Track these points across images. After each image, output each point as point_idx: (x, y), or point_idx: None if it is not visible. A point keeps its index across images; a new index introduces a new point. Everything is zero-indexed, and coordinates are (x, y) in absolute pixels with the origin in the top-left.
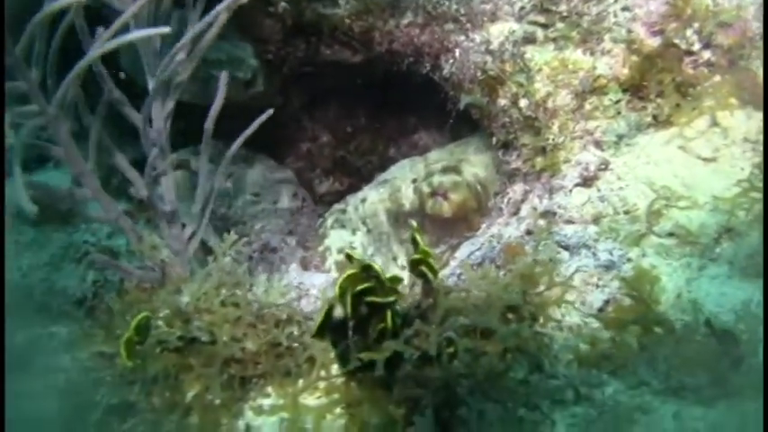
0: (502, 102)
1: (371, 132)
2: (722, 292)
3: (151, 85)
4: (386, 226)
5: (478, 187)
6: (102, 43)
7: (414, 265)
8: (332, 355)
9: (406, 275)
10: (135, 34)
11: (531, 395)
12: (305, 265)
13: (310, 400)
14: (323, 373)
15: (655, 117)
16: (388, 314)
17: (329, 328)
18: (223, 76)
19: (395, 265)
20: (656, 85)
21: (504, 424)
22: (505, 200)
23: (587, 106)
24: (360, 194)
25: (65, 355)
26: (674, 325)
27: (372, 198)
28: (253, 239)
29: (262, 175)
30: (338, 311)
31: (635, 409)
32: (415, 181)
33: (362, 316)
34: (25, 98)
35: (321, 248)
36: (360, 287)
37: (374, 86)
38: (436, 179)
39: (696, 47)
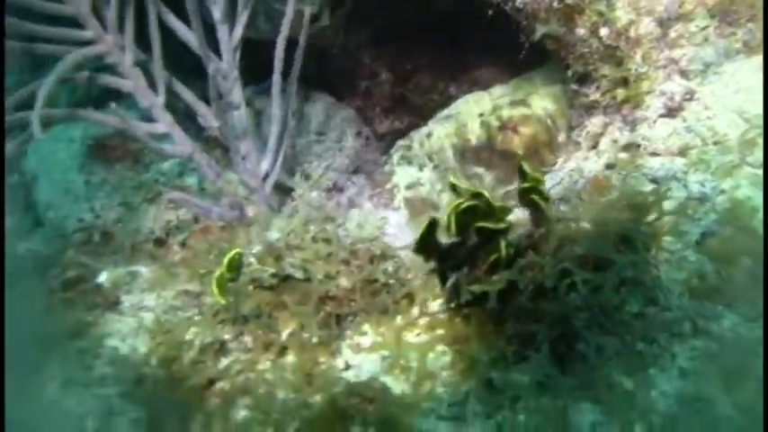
0: (580, 31)
1: (431, 70)
2: None
3: (216, 13)
4: (452, 161)
5: (548, 121)
6: None
7: (523, 194)
8: (437, 289)
9: None
10: None
11: (648, 328)
12: (374, 204)
13: (410, 336)
14: (425, 308)
15: (745, 43)
16: (502, 243)
17: (437, 257)
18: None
19: None
20: (747, 8)
21: (624, 358)
22: (583, 133)
23: (672, 34)
24: (424, 130)
25: (150, 294)
26: None
27: (438, 133)
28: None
29: (324, 114)
30: (445, 239)
31: (757, 341)
32: (481, 115)
33: (472, 246)
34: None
35: (389, 186)
36: (467, 204)
37: (437, 21)
38: (505, 112)
39: None
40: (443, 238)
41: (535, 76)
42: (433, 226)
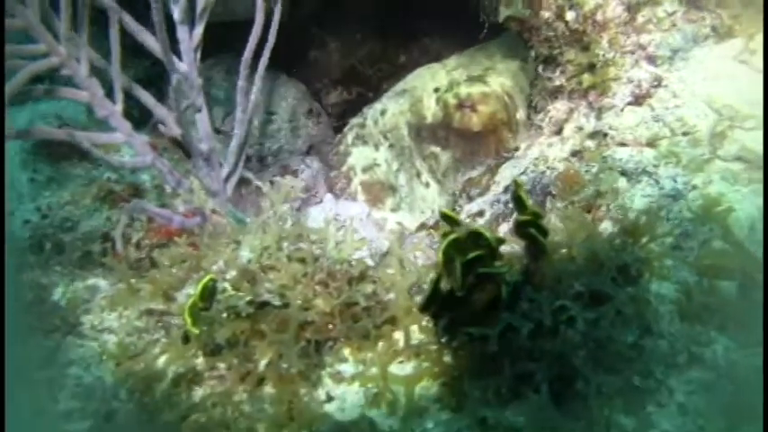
0: (546, 14)
1: (381, 38)
2: None
3: (175, 13)
4: (407, 140)
5: (507, 99)
6: None
7: (520, 227)
8: (424, 322)
9: (429, 192)
10: None
11: (644, 360)
12: (330, 187)
13: (394, 366)
14: (409, 335)
15: (713, 29)
16: (504, 286)
17: (438, 305)
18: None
19: (418, 182)
20: None
21: (622, 395)
22: (547, 118)
23: (640, 19)
24: (378, 106)
25: (110, 314)
26: None
27: (392, 109)
28: (271, 162)
29: (274, 91)
30: (443, 283)
31: (753, 370)
32: (437, 90)
33: (468, 285)
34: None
35: (345, 168)
36: (471, 255)
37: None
38: (463, 90)
39: None
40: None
41: (491, 47)
42: (437, 285)
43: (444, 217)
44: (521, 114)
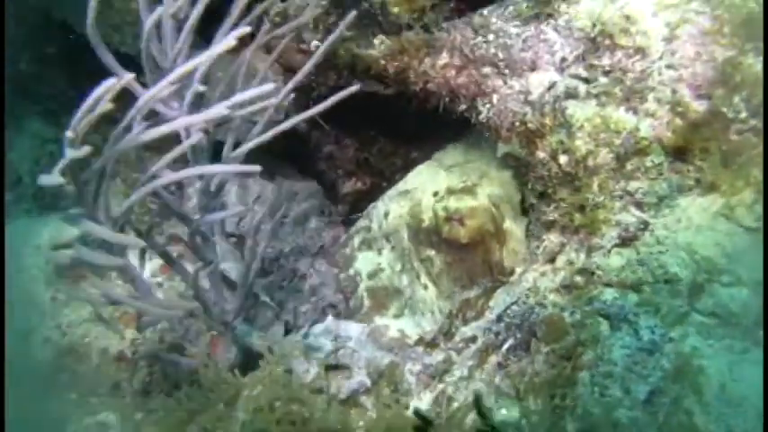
0: (540, 155)
1: (394, 137)
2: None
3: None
4: (406, 242)
5: (494, 210)
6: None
7: None
8: None
9: (428, 294)
10: None
11: None
12: (337, 290)
13: None
14: None
15: (698, 181)
16: None
17: None
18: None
19: (418, 284)
20: (701, 152)
21: None
22: (541, 247)
23: (628, 166)
24: (382, 207)
25: None
26: None
27: (394, 212)
28: (282, 264)
29: (288, 192)
30: None
31: None
32: (435, 194)
33: None
34: None
35: (351, 272)
36: None
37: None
38: (452, 204)
39: (743, 114)
40: None
41: (485, 147)
42: None
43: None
44: (508, 224)
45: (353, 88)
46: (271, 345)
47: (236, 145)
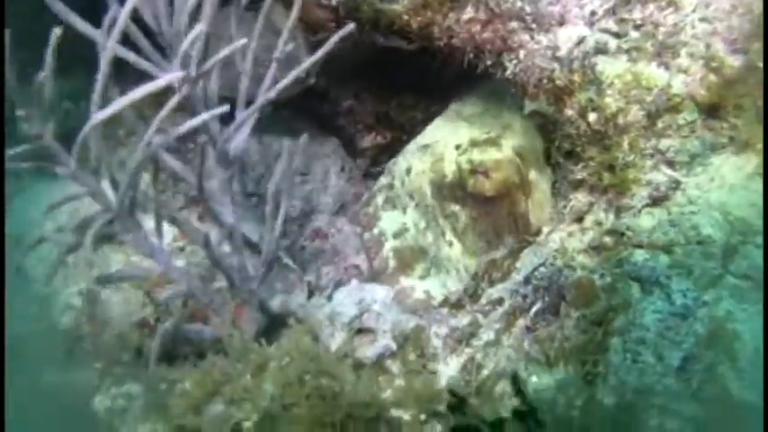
0: (569, 112)
1: (414, 90)
2: None
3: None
4: (430, 199)
5: (519, 161)
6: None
7: None
8: None
9: (453, 251)
10: None
11: None
12: (361, 250)
13: None
14: None
15: (731, 139)
16: None
17: None
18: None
19: (443, 241)
20: (735, 109)
21: None
22: (569, 206)
23: (660, 124)
24: (403, 163)
25: (144, 426)
26: None
27: (416, 168)
28: (303, 223)
29: (308, 149)
30: None
31: None
32: (458, 147)
33: None
34: None
35: (376, 231)
36: None
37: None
38: (476, 156)
39: None
40: None
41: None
42: None
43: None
44: (533, 175)
45: (350, 26)
46: (296, 311)
47: (249, 104)
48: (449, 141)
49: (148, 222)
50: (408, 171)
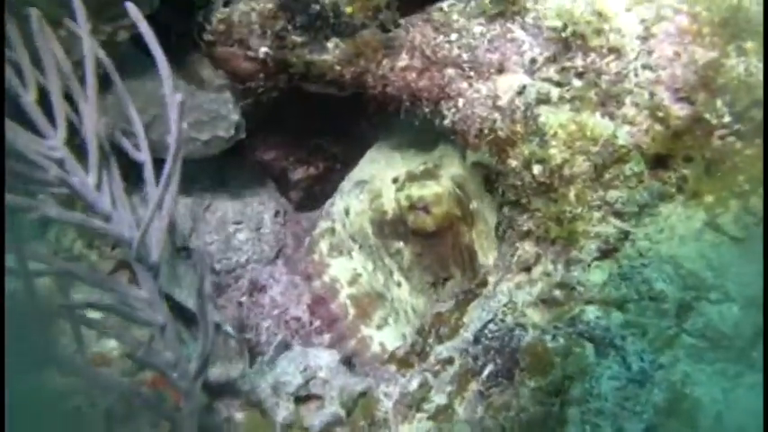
0: (513, 163)
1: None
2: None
3: None
4: (373, 238)
5: (459, 192)
6: None
7: None
8: None
9: (402, 292)
10: None
11: None
12: (315, 299)
13: None
14: None
15: (680, 188)
16: None
17: None
18: None
19: (392, 281)
20: (683, 159)
21: None
22: (515, 256)
23: (606, 175)
24: (341, 203)
25: None
26: None
27: (355, 208)
28: (239, 273)
29: (240, 199)
30: None
31: None
32: (395, 181)
33: None
34: None
35: (327, 279)
36: None
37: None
38: (415, 192)
39: (727, 119)
40: None
41: None
42: None
43: None
44: (475, 204)
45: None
46: (238, 384)
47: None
48: (385, 176)
49: None
50: (347, 212)
